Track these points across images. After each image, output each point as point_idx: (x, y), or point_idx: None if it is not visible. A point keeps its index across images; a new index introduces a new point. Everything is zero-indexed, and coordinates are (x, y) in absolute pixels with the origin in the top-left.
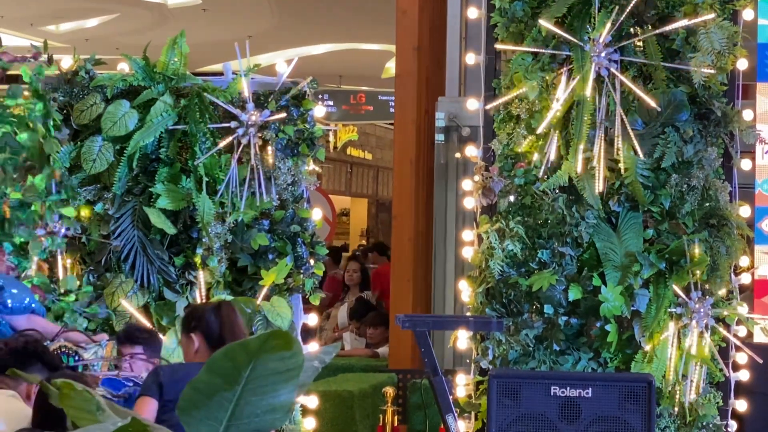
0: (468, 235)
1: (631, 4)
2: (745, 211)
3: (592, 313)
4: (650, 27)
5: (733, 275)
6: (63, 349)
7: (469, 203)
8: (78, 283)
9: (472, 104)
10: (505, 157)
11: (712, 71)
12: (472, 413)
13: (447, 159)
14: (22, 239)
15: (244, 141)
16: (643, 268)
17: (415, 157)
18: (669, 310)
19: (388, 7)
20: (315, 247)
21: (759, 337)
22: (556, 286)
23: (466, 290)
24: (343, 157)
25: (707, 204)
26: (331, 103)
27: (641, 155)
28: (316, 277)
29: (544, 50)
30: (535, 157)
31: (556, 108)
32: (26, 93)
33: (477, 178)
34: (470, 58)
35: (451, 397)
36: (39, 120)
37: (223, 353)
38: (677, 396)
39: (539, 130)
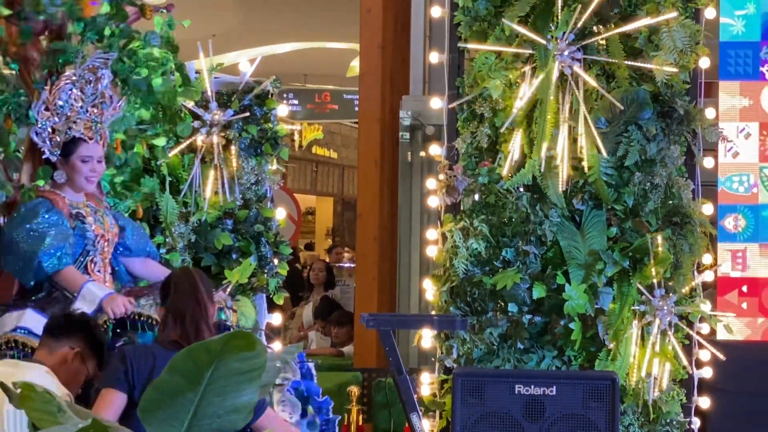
0: (432, 233)
1: (594, 3)
2: (708, 208)
3: (556, 312)
4: (613, 25)
5: (696, 273)
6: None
7: (434, 202)
8: None
9: (436, 103)
10: (469, 155)
11: (675, 70)
12: (437, 412)
13: (411, 157)
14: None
15: (207, 140)
16: (606, 266)
17: (380, 155)
18: (633, 307)
19: (352, 6)
20: (279, 247)
21: (722, 335)
22: (520, 284)
23: (430, 289)
24: (309, 155)
25: (670, 202)
26: (296, 102)
27: (604, 153)
28: (280, 276)
29: (507, 49)
30: (499, 155)
31: (520, 106)
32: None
33: (441, 176)
34: (434, 57)
35: (415, 396)
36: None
37: (186, 353)
38: (641, 393)
39: (503, 129)
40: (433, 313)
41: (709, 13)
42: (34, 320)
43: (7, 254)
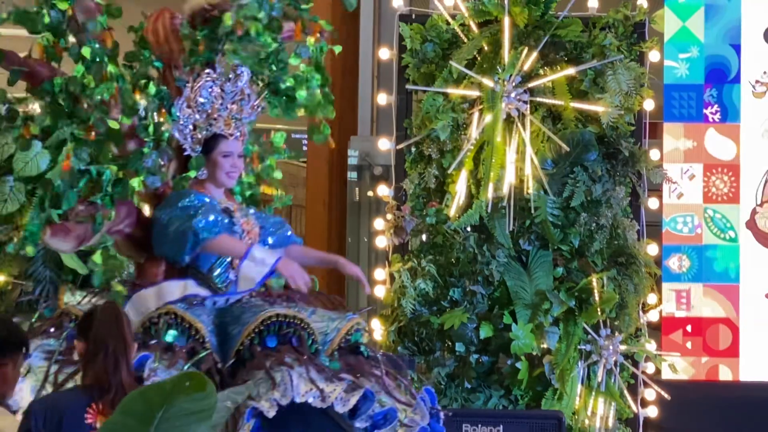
0: (380, 273)
1: (540, 46)
2: (652, 249)
3: (503, 351)
4: (559, 68)
5: (641, 312)
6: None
7: (382, 242)
8: None
9: (384, 143)
10: (417, 196)
11: (620, 111)
12: None
13: (359, 197)
14: None
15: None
16: (553, 306)
17: (328, 195)
18: (578, 347)
19: None
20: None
21: (667, 374)
22: (468, 324)
23: (378, 329)
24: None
25: (616, 242)
26: None
27: (551, 194)
28: None
29: (455, 91)
30: (446, 196)
31: (467, 148)
32: None
33: (389, 216)
34: (382, 98)
35: None
36: None
37: (138, 394)
38: None
39: (450, 170)
40: (381, 352)
41: (654, 56)
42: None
43: (160, 237)
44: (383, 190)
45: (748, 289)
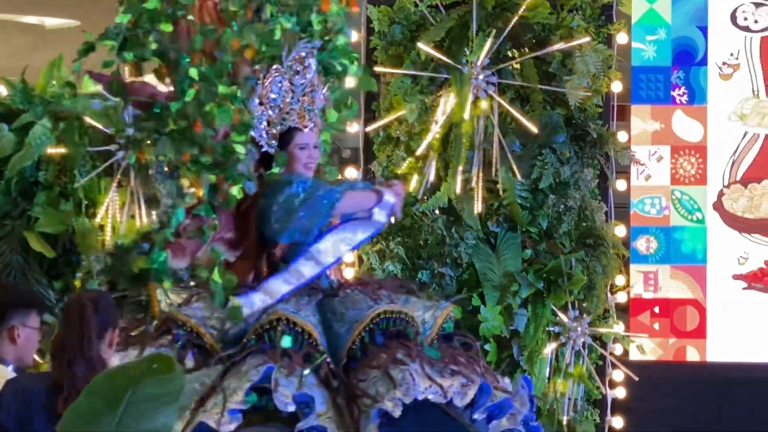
0: (349, 256)
1: (508, 28)
2: (620, 230)
3: (471, 333)
4: (527, 50)
5: (609, 294)
6: None
7: None
8: None
9: (352, 126)
10: (385, 178)
11: (588, 93)
12: None
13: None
14: None
15: (123, 164)
16: (521, 287)
17: None
18: (547, 329)
19: None
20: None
21: (635, 355)
22: None
23: None
24: None
25: (584, 224)
26: None
27: (519, 177)
28: None
29: (422, 73)
30: (415, 178)
31: (435, 130)
32: None
33: None
34: (350, 81)
35: None
36: None
37: (105, 377)
38: (556, 414)
39: (418, 152)
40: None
41: (621, 38)
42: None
43: (284, 221)
44: (351, 173)
45: (715, 271)
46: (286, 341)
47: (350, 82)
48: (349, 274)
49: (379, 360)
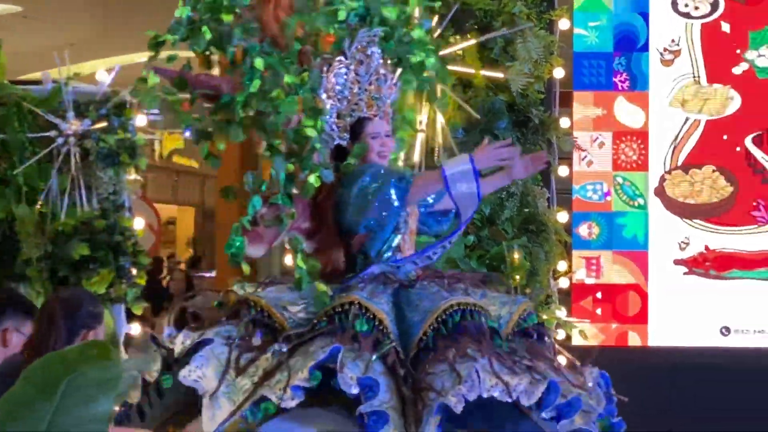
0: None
1: (451, 14)
2: (562, 216)
3: None
4: (469, 36)
5: (551, 279)
6: None
7: None
8: None
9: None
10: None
11: (530, 79)
12: None
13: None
14: None
15: (64, 150)
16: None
17: (240, 165)
18: None
19: None
20: (137, 257)
21: (577, 340)
22: None
23: None
24: (169, 165)
25: (526, 210)
26: (156, 111)
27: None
28: (139, 286)
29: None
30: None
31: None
32: None
33: None
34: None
35: None
36: None
37: (41, 363)
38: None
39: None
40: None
41: (563, 24)
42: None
43: (360, 210)
44: None
45: (657, 256)
46: (359, 325)
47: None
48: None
49: (447, 353)
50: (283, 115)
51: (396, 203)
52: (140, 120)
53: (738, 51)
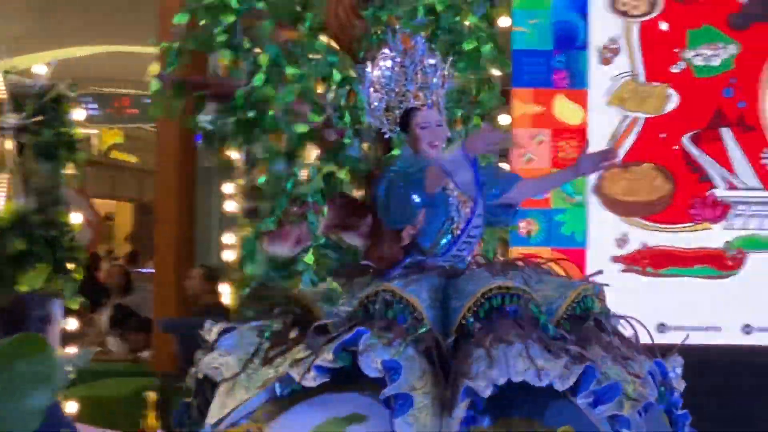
0: (230, 238)
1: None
2: None
3: None
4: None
5: None
6: None
7: (231, 206)
8: None
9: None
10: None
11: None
12: None
13: (211, 162)
14: None
15: (0, 145)
16: None
17: (178, 160)
18: None
19: (152, 9)
20: (75, 252)
21: None
22: None
23: (228, 293)
24: (108, 160)
25: None
26: (94, 106)
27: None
28: (76, 281)
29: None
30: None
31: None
32: None
33: (240, 180)
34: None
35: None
36: None
37: None
38: None
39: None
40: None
41: (503, 21)
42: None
43: (383, 210)
44: (235, 154)
45: (595, 253)
46: (391, 312)
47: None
48: (230, 256)
49: (484, 339)
50: (281, 101)
51: (416, 200)
52: (79, 114)
53: (676, 50)
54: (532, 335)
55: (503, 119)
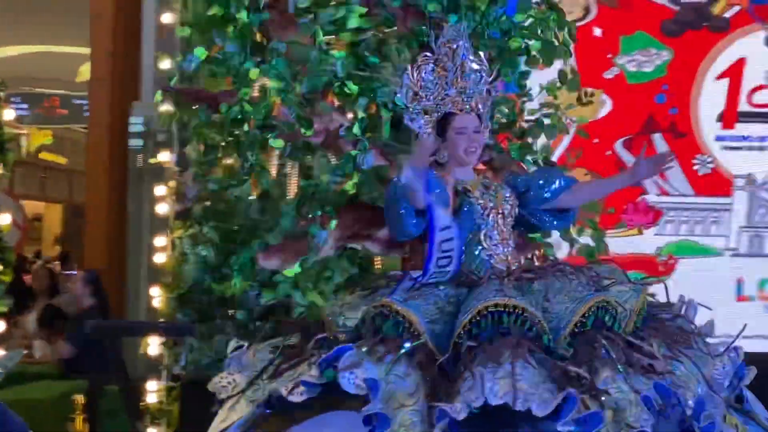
0: (161, 240)
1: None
2: None
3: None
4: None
5: None
6: None
7: (163, 209)
8: None
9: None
10: (200, 162)
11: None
12: (164, 420)
13: (142, 164)
14: None
15: None
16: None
17: (109, 162)
18: None
19: (82, 10)
20: (2, 253)
21: None
22: (249, 291)
23: (158, 296)
24: (37, 161)
25: None
26: (24, 106)
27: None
28: (3, 283)
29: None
30: (230, 162)
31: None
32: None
33: (171, 183)
34: (165, 63)
35: (142, 404)
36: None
37: None
38: None
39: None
40: (162, 320)
41: None
42: None
43: (386, 221)
44: (165, 156)
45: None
46: (387, 328)
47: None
48: (161, 258)
49: (473, 359)
50: (258, 111)
51: (397, 215)
52: (7, 114)
53: (609, 56)
54: (525, 356)
55: None
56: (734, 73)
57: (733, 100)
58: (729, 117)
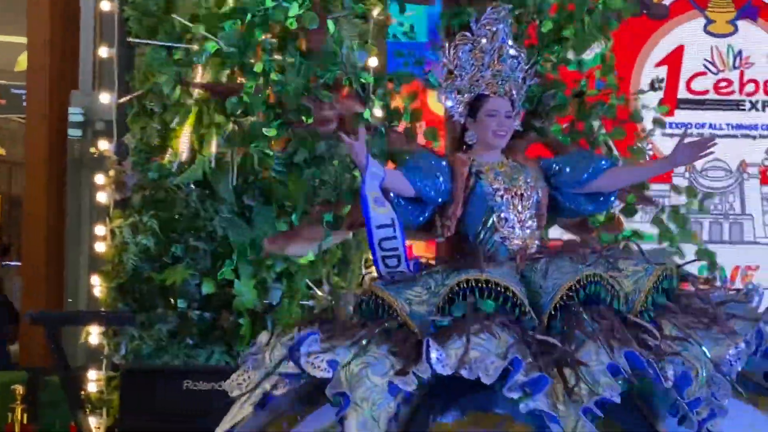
0: (101, 229)
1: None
2: None
3: (225, 307)
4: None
5: (364, 268)
6: None
7: (103, 198)
8: None
9: (106, 98)
10: (139, 151)
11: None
12: (105, 409)
13: (81, 154)
14: None
15: None
16: (276, 262)
17: (48, 152)
18: (302, 302)
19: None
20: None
21: None
22: (190, 280)
23: (98, 285)
24: None
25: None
26: None
27: (274, 150)
28: None
29: (177, 45)
30: (169, 151)
31: (191, 103)
32: None
33: (110, 172)
34: (104, 52)
35: (82, 394)
36: None
37: None
38: None
39: (173, 125)
40: (102, 309)
41: (378, 13)
42: None
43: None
44: (104, 145)
45: None
46: (367, 311)
47: None
48: (101, 247)
49: (441, 334)
50: (255, 106)
51: (403, 209)
52: None
53: None
54: (492, 328)
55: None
56: (673, 60)
57: (672, 87)
58: (668, 104)
